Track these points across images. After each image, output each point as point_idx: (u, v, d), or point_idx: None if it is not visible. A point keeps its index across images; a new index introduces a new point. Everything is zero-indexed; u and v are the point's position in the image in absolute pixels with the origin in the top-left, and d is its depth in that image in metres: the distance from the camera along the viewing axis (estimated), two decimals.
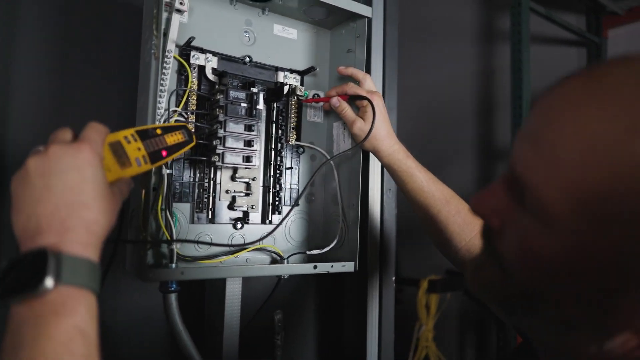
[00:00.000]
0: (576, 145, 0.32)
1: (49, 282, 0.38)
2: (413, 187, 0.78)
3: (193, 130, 0.76)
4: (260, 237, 0.81)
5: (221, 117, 0.73)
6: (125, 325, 0.82)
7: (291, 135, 0.86)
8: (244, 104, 0.75)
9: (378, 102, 0.78)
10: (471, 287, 0.44)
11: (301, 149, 0.89)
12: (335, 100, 0.80)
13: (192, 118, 0.76)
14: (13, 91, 0.77)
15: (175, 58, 0.74)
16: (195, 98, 0.76)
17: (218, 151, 0.73)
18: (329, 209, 0.90)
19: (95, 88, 0.82)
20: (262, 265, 0.79)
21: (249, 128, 0.76)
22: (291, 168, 0.87)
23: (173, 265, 0.70)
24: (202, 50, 0.77)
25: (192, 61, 0.76)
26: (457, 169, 2.42)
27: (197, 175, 0.77)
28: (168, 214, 0.72)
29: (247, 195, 0.81)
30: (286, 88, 0.85)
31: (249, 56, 0.83)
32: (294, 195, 0.88)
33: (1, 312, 0.39)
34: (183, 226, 0.76)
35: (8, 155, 0.77)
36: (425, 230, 0.82)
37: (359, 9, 0.83)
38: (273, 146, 0.84)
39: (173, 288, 0.72)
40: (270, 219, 0.84)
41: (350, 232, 0.84)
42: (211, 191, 0.78)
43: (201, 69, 0.78)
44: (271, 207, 0.84)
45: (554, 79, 0.37)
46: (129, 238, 0.71)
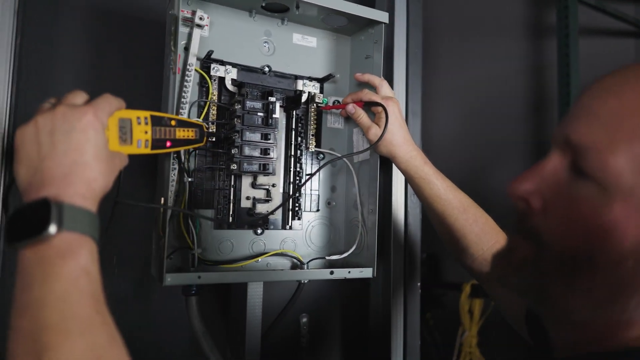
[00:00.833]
0: (637, 111, 0.36)
1: (52, 228, 0.42)
2: (430, 194, 0.78)
3: (214, 139, 0.79)
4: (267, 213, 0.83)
5: (238, 127, 0.76)
6: (151, 327, 0.87)
7: (311, 141, 0.88)
8: (261, 114, 0.78)
9: (393, 108, 0.77)
10: (499, 275, 0.46)
11: (321, 155, 0.90)
12: (350, 107, 0.81)
13: (213, 128, 0.79)
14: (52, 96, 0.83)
15: (196, 71, 0.78)
16: (215, 108, 0.80)
17: (236, 159, 0.76)
18: (350, 214, 0.90)
19: (124, 100, 0.87)
20: (279, 269, 0.81)
21: (266, 137, 0.78)
22: (311, 174, 0.89)
23: (193, 269, 0.73)
24: (222, 62, 0.80)
25: (212, 73, 0.79)
26: (504, 169, 2.33)
27: (218, 182, 0.80)
28: (190, 221, 0.76)
29: (267, 201, 0.83)
30: (304, 96, 0.87)
31: (269, 66, 0.85)
32: (314, 200, 0.89)
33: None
34: (205, 232, 0.79)
35: None
36: (442, 238, 0.81)
37: (376, 15, 0.83)
38: (292, 153, 0.86)
39: (194, 291, 0.75)
40: (290, 225, 0.86)
41: (369, 238, 0.84)
42: (232, 198, 0.81)
43: (221, 80, 0.81)
44: (291, 213, 0.86)
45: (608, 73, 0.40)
46: (153, 243, 0.75)
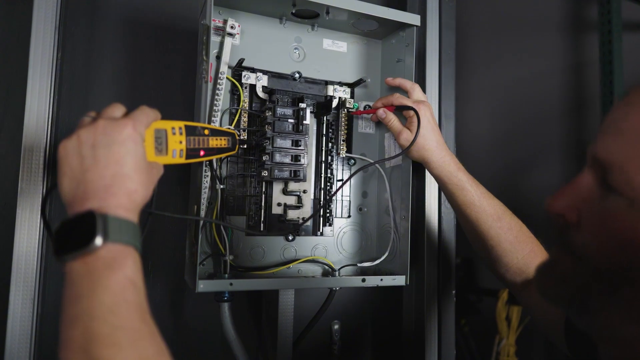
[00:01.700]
0: None
1: (99, 240, 0.43)
2: (463, 201, 0.75)
3: (245, 146, 0.79)
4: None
5: (269, 134, 0.76)
6: (185, 333, 0.88)
7: (342, 147, 0.87)
8: (291, 120, 0.78)
9: (425, 112, 0.76)
10: (541, 289, 0.46)
11: (352, 161, 0.89)
12: (381, 111, 0.80)
13: (244, 135, 0.80)
14: (91, 108, 0.86)
15: (228, 79, 0.79)
16: (246, 116, 0.80)
17: (266, 166, 0.76)
18: (382, 221, 0.89)
19: (160, 109, 0.89)
20: (310, 277, 0.80)
21: (296, 143, 0.78)
22: (342, 180, 0.88)
23: (226, 275, 0.74)
24: (253, 69, 0.81)
25: (244, 81, 0.80)
26: (543, 170, 2.25)
27: (250, 189, 0.81)
28: (222, 227, 0.76)
29: (298, 207, 0.83)
30: (335, 101, 0.86)
31: (299, 72, 0.85)
32: (346, 206, 0.88)
33: None
34: (237, 238, 0.80)
35: None
36: (474, 246, 0.79)
37: (407, 18, 0.82)
38: (323, 159, 0.86)
39: (226, 298, 0.76)
40: (321, 231, 0.86)
41: (401, 245, 0.82)
42: (263, 204, 0.81)
43: (252, 88, 0.81)
44: (322, 219, 0.85)
45: None
46: (186, 253, 0.76)
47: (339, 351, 0.96)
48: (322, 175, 0.86)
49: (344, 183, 0.74)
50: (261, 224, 0.81)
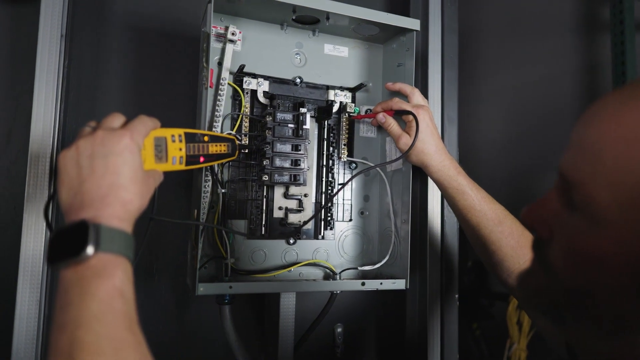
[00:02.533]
0: (616, 141, 0.34)
1: (90, 249, 0.44)
2: (464, 205, 0.75)
3: (246, 151, 0.81)
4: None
5: (269, 138, 0.77)
6: (187, 335, 0.89)
7: (343, 151, 0.88)
8: (291, 125, 0.79)
9: (424, 116, 0.76)
10: (520, 297, 0.46)
11: (353, 165, 0.90)
12: (381, 116, 0.80)
13: (246, 140, 0.81)
14: (98, 114, 0.88)
15: (229, 84, 0.80)
16: (248, 121, 0.81)
17: (267, 170, 0.77)
18: (383, 224, 0.89)
19: (164, 114, 0.91)
20: (310, 280, 0.81)
21: (296, 148, 0.78)
22: (344, 184, 0.88)
23: (227, 278, 0.75)
24: (254, 75, 0.82)
25: (245, 86, 0.81)
26: (556, 175, 2.21)
27: (251, 193, 0.82)
28: (224, 231, 0.77)
29: (299, 211, 0.84)
30: (336, 106, 0.87)
31: (300, 77, 0.86)
32: (347, 210, 0.89)
33: None
34: (239, 242, 0.81)
35: None
36: (476, 250, 0.78)
37: (407, 23, 0.82)
38: (325, 163, 0.86)
39: (227, 300, 0.77)
40: (322, 234, 0.86)
41: (402, 248, 0.83)
42: (264, 208, 0.82)
43: (253, 93, 0.82)
44: (323, 223, 0.86)
45: None
46: (188, 253, 0.78)
47: (342, 354, 0.97)
48: (324, 179, 0.86)
49: (344, 185, 0.74)
50: (262, 228, 0.82)
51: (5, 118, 0.84)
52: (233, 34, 0.78)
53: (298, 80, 0.86)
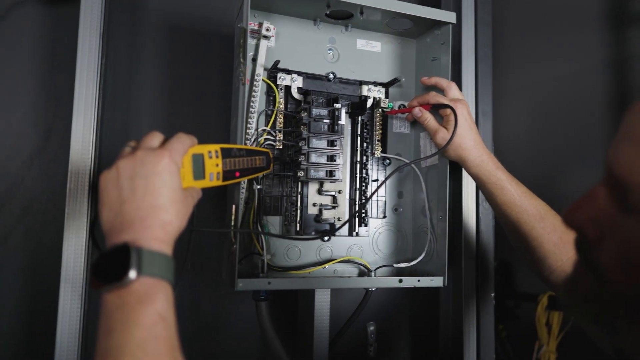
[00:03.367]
0: None
1: (132, 274, 0.44)
2: (503, 201, 0.74)
3: (280, 147, 0.80)
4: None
5: (305, 134, 0.77)
6: (224, 331, 0.89)
7: (376, 147, 0.87)
8: (327, 120, 0.78)
9: (462, 110, 0.74)
10: (567, 304, 0.43)
11: (387, 161, 0.89)
12: (417, 110, 0.79)
13: (280, 136, 0.81)
14: (132, 114, 0.89)
15: (263, 81, 0.80)
16: (282, 117, 0.81)
17: (302, 166, 0.77)
18: (418, 221, 0.88)
19: (197, 111, 0.92)
20: (346, 277, 0.80)
21: (332, 143, 0.78)
22: (377, 180, 0.87)
23: (262, 275, 0.75)
24: (288, 71, 0.82)
25: (279, 82, 0.81)
26: (585, 173, 2.16)
27: (286, 189, 0.82)
28: (259, 227, 0.77)
29: (334, 208, 0.83)
30: (370, 101, 0.86)
31: (333, 73, 0.85)
32: (381, 207, 0.88)
33: None
34: (274, 238, 0.81)
35: None
36: (516, 247, 0.77)
37: (442, 16, 0.81)
38: (358, 159, 0.86)
39: (263, 296, 0.77)
40: (357, 231, 0.85)
41: (439, 245, 0.81)
42: (299, 204, 0.81)
43: (287, 89, 0.82)
44: (357, 219, 0.85)
45: None
46: (224, 252, 0.78)
47: (375, 353, 0.96)
48: (357, 175, 0.85)
49: (381, 185, 0.73)
50: (297, 224, 0.82)
51: (45, 117, 0.86)
52: (267, 30, 0.78)
53: (331, 75, 0.85)
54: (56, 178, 0.83)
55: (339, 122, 0.78)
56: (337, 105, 0.80)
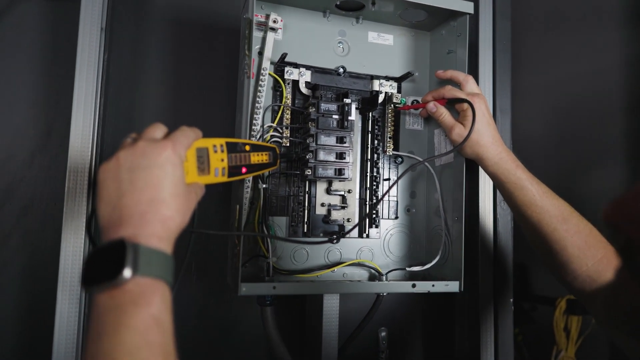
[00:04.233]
0: None
1: (127, 273, 0.40)
2: (523, 201, 0.69)
3: (287, 144, 0.77)
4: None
5: (313, 130, 0.73)
6: (228, 335, 0.86)
7: (388, 144, 0.83)
8: (336, 116, 0.74)
9: (480, 105, 0.70)
10: (605, 318, 0.37)
11: (399, 159, 0.84)
12: (431, 105, 0.74)
13: (287, 132, 0.77)
14: (136, 111, 0.87)
15: (270, 75, 0.77)
16: (289, 112, 0.78)
17: (310, 164, 0.73)
18: (432, 222, 0.84)
19: (202, 107, 0.89)
20: (356, 281, 0.76)
21: (341, 140, 0.74)
22: (389, 179, 0.83)
23: (268, 278, 0.71)
24: (296, 65, 0.78)
25: (286, 76, 0.78)
26: (604, 172, 2.09)
27: (293, 188, 0.78)
28: (265, 228, 0.74)
29: (343, 208, 0.79)
30: (381, 96, 0.82)
31: (343, 67, 0.82)
32: (393, 207, 0.84)
33: None
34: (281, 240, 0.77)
35: None
36: (537, 250, 0.72)
37: (459, 6, 0.77)
38: (369, 157, 0.82)
39: (269, 301, 0.73)
40: (367, 233, 0.81)
41: (454, 248, 0.77)
42: (306, 204, 0.78)
43: (295, 84, 0.79)
44: (368, 220, 0.81)
45: None
46: (228, 254, 0.74)
47: (387, 359, 0.92)
48: (368, 174, 0.81)
49: (393, 184, 0.69)
50: (304, 225, 0.78)
51: (46, 114, 0.83)
52: (275, 22, 0.74)
53: (341, 70, 0.81)
54: (57, 177, 0.80)
55: (349, 118, 0.74)
56: (347, 100, 0.76)
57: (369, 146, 0.82)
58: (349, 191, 0.80)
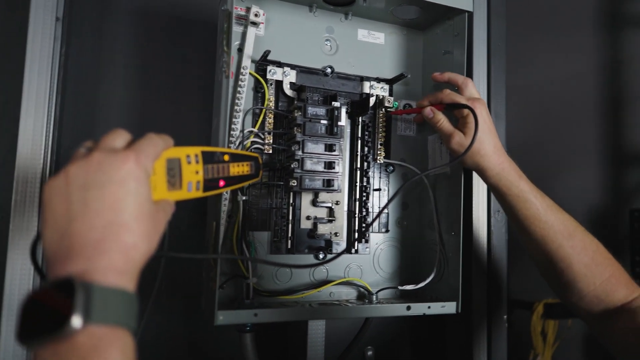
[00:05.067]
0: None
1: (77, 322, 0.32)
2: (526, 215, 0.64)
3: (270, 151, 0.69)
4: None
5: (299, 137, 0.66)
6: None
7: (379, 152, 0.76)
8: (324, 121, 0.67)
9: (481, 111, 0.64)
10: (605, 337, 0.32)
11: (391, 168, 0.78)
12: (428, 110, 0.68)
13: (269, 138, 0.70)
14: (98, 112, 0.78)
15: (251, 74, 0.69)
16: (272, 116, 0.70)
17: (296, 174, 0.66)
18: (425, 236, 0.78)
19: (174, 109, 0.80)
20: (345, 303, 0.69)
21: (330, 148, 0.67)
22: (379, 189, 0.77)
23: (248, 301, 0.64)
24: (279, 64, 0.71)
25: (269, 76, 0.70)
26: (577, 176, 2.10)
27: (275, 200, 0.71)
28: (244, 245, 0.66)
29: (330, 221, 0.72)
30: (372, 99, 0.75)
31: (331, 67, 0.75)
32: (384, 220, 0.77)
33: None
34: (261, 257, 0.70)
35: None
36: (539, 268, 0.67)
37: (458, 3, 0.71)
38: (358, 165, 0.75)
39: (249, 328, 0.66)
40: (356, 248, 0.75)
41: (450, 265, 0.71)
42: (290, 218, 0.71)
43: (278, 84, 0.71)
44: (357, 234, 0.75)
45: None
46: (203, 274, 0.66)
47: None
48: (357, 184, 0.75)
49: (391, 200, 0.61)
50: (287, 241, 0.71)
51: None
52: (256, 16, 0.66)
53: (328, 70, 0.74)
54: (3, 185, 0.70)
55: (339, 124, 0.67)
56: (336, 103, 0.69)
57: (359, 154, 0.75)
58: (337, 203, 0.73)
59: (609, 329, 0.62)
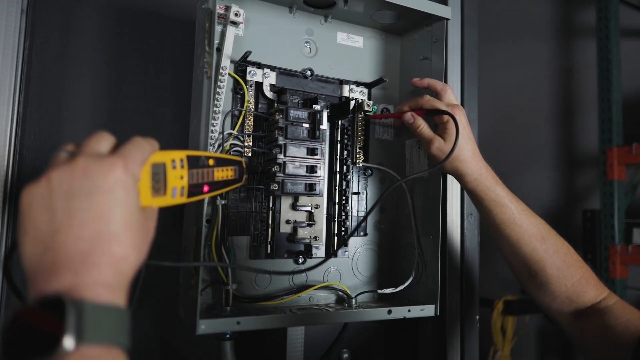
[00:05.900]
0: None
1: (69, 343, 0.30)
2: (502, 220, 0.66)
3: (249, 154, 0.68)
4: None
5: (280, 141, 0.65)
6: None
7: (358, 155, 0.76)
8: (306, 124, 0.66)
9: (460, 118, 0.66)
10: (576, 338, 0.32)
11: (369, 171, 0.78)
12: (409, 115, 0.69)
13: (249, 141, 0.68)
14: (65, 111, 0.73)
15: (230, 75, 0.67)
16: (252, 118, 0.69)
17: (278, 179, 0.65)
18: (403, 239, 0.78)
19: (148, 109, 0.77)
20: (325, 309, 0.69)
21: (312, 152, 0.67)
22: (358, 193, 0.77)
23: (228, 309, 0.62)
24: (260, 65, 0.70)
25: (249, 77, 0.69)
26: (533, 177, 2.20)
27: (255, 204, 0.69)
28: (223, 250, 0.64)
29: (310, 225, 0.72)
30: (352, 103, 0.75)
31: (310, 69, 0.74)
32: (362, 224, 0.78)
33: None
34: (240, 262, 0.68)
35: None
36: (513, 271, 0.70)
37: (437, 10, 0.72)
38: (338, 169, 0.75)
39: (229, 335, 0.64)
40: (335, 252, 0.75)
41: (428, 268, 0.72)
42: (270, 222, 0.69)
43: (258, 86, 0.70)
44: (336, 239, 0.74)
45: None
46: (180, 281, 0.64)
47: None
48: (337, 187, 0.75)
49: (375, 205, 0.61)
50: (267, 246, 0.69)
51: None
52: (236, 15, 0.65)
53: (308, 72, 0.74)
54: None
55: (321, 127, 0.67)
56: (317, 107, 0.68)
57: (338, 157, 0.75)
58: (317, 206, 0.72)
59: (580, 329, 0.65)
